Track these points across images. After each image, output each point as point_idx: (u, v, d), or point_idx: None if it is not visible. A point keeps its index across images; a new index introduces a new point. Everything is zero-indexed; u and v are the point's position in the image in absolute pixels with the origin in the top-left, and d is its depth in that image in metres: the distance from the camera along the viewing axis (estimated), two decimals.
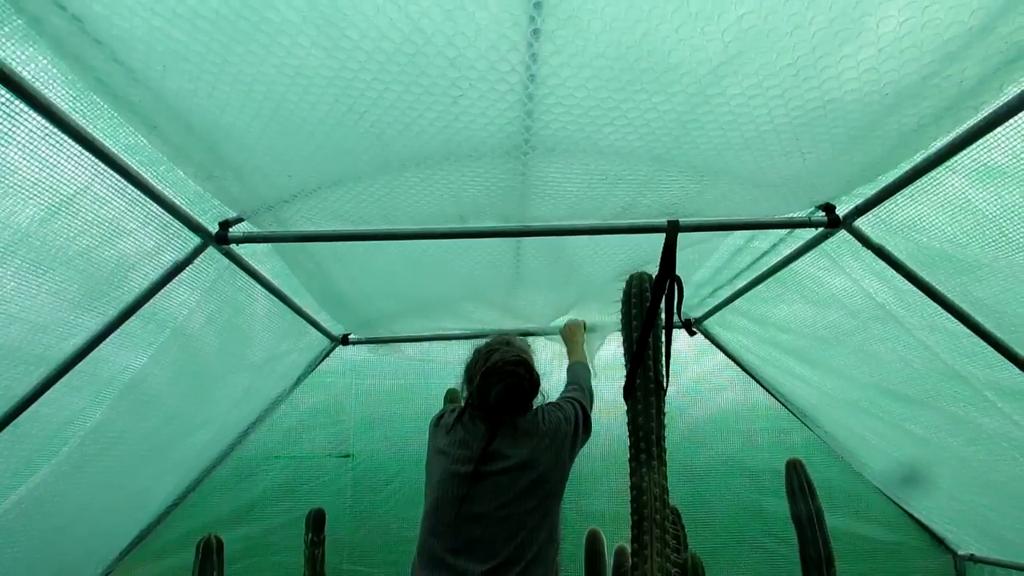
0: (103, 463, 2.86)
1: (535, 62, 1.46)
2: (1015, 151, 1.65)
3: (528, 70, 1.50)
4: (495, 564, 1.94)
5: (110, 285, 2.18)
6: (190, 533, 3.60)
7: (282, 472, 3.99)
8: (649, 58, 1.46)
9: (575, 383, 2.61)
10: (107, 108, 1.64)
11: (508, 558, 1.95)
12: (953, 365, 2.50)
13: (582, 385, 2.59)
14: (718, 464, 4.00)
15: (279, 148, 1.90)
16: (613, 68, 1.49)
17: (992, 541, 3.52)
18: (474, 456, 2.07)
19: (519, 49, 1.43)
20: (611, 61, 1.46)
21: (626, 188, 2.14)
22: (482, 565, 1.93)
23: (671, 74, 1.50)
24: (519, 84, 1.55)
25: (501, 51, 1.44)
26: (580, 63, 1.47)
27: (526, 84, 1.55)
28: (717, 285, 3.34)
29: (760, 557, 3.86)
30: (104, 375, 2.49)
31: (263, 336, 3.26)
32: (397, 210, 2.32)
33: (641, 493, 2.54)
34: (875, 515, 3.88)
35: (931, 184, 1.91)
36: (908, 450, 3.31)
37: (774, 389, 3.89)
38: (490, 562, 1.94)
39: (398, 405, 4.09)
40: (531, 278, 3.20)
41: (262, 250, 2.69)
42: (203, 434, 3.48)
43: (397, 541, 3.88)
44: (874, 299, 2.55)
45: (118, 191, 1.90)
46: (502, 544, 1.97)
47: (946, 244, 2.07)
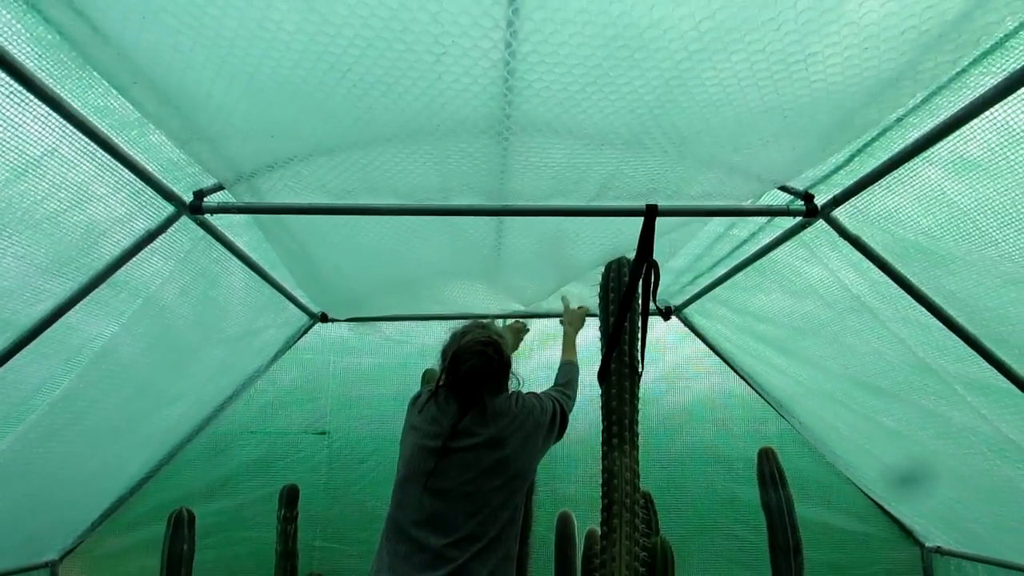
0: (73, 432, 2.84)
1: (517, 16, 1.44)
2: (989, 144, 1.65)
3: (511, 26, 1.47)
4: (456, 538, 1.96)
5: (79, 251, 2.15)
6: (163, 506, 3.58)
7: (257, 448, 3.98)
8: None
9: (564, 386, 2.58)
10: (75, 68, 1.61)
11: (469, 534, 1.98)
12: (925, 358, 2.52)
13: (569, 392, 2.56)
14: (693, 451, 4.03)
15: (261, 110, 1.86)
16: (594, 25, 1.47)
17: (959, 534, 3.56)
18: (443, 432, 2.09)
19: (501, 3, 1.40)
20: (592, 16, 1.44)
21: (608, 157, 2.12)
22: (443, 539, 1.96)
23: (648, 49, 1.48)
24: (501, 41, 1.52)
25: (484, 5, 1.41)
26: (563, 18, 1.44)
27: (508, 41, 1.53)
28: (697, 273, 3.34)
29: (731, 544, 3.90)
30: (74, 343, 2.46)
31: (240, 310, 3.24)
32: (379, 181, 2.30)
33: (612, 477, 2.56)
34: (846, 506, 3.92)
35: (908, 175, 1.91)
36: (880, 443, 3.33)
37: (751, 378, 3.91)
38: (451, 536, 1.96)
39: (376, 384, 4.08)
40: (513, 259, 3.18)
41: (239, 221, 2.66)
42: (177, 407, 3.46)
43: (371, 519, 3.88)
44: (850, 290, 2.55)
45: (87, 155, 1.86)
46: (464, 520, 1.99)
47: (921, 236, 2.08)
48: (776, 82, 1.57)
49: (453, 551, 1.95)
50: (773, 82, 1.58)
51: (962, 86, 1.57)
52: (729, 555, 3.89)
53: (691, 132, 1.89)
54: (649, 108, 1.76)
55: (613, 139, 1.98)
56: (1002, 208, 1.77)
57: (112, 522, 3.81)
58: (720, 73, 1.57)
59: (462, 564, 1.94)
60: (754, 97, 1.66)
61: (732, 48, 1.46)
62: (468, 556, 1.95)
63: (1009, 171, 1.67)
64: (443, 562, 1.93)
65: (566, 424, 2.38)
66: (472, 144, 2.07)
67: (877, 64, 1.46)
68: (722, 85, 1.62)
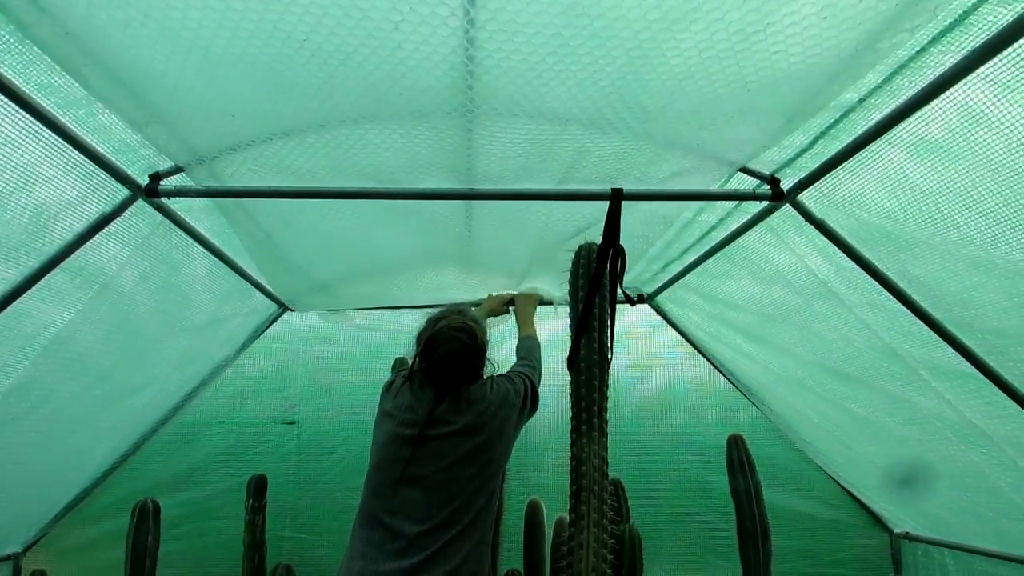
0: (30, 422, 2.78)
1: None
2: (950, 125, 1.64)
3: None
4: (430, 526, 1.97)
5: (29, 235, 2.09)
6: (129, 497, 3.52)
7: (225, 438, 3.93)
8: None
9: (526, 357, 2.60)
10: (14, 43, 1.55)
11: (443, 521, 1.98)
12: (891, 344, 2.52)
13: (532, 362, 2.57)
14: (665, 439, 4.03)
15: (219, 87, 1.81)
16: None
17: (927, 520, 3.60)
18: (419, 420, 2.09)
19: None
20: None
21: (574, 134, 2.09)
22: (417, 526, 1.96)
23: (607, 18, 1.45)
24: (459, 7, 1.48)
25: None
26: None
27: (466, 8, 1.49)
28: (668, 260, 3.32)
29: (702, 531, 3.91)
30: (27, 330, 2.40)
31: (203, 298, 3.18)
32: (345, 160, 2.24)
33: (580, 464, 2.53)
34: (816, 493, 3.94)
35: (871, 158, 1.90)
36: (848, 429, 3.35)
37: (722, 366, 3.91)
38: (425, 524, 1.97)
39: (346, 373, 4.04)
40: (483, 244, 3.15)
41: (199, 206, 2.60)
42: (141, 397, 3.39)
43: (341, 509, 3.84)
44: (817, 276, 2.55)
45: (32, 134, 1.80)
46: (438, 507, 2.00)
47: (885, 220, 2.07)
48: (737, 54, 1.55)
49: (426, 539, 1.95)
50: (734, 54, 1.55)
51: (922, 65, 1.55)
52: (700, 542, 3.90)
53: (656, 107, 1.86)
54: (612, 81, 1.72)
55: (578, 114, 1.95)
56: (963, 190, 1.77)
57: (77, 514, 3.75)
58: (680, 44, 1.54)
59: (435, 551, 1.94)
60: (716, 70, 1.63)
61: (691, 18, 1.44)
62: (442, 543, 1.95)
63: (970, 152, 1.66)
64: (416, 549, 1.94)
65: (537, 396, 2.40)
66: (437, 119, 2.04)
67: (836, 35, 1.44)
68: (684, 57, 1.59)
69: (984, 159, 1.65)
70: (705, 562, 3.88)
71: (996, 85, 1.48)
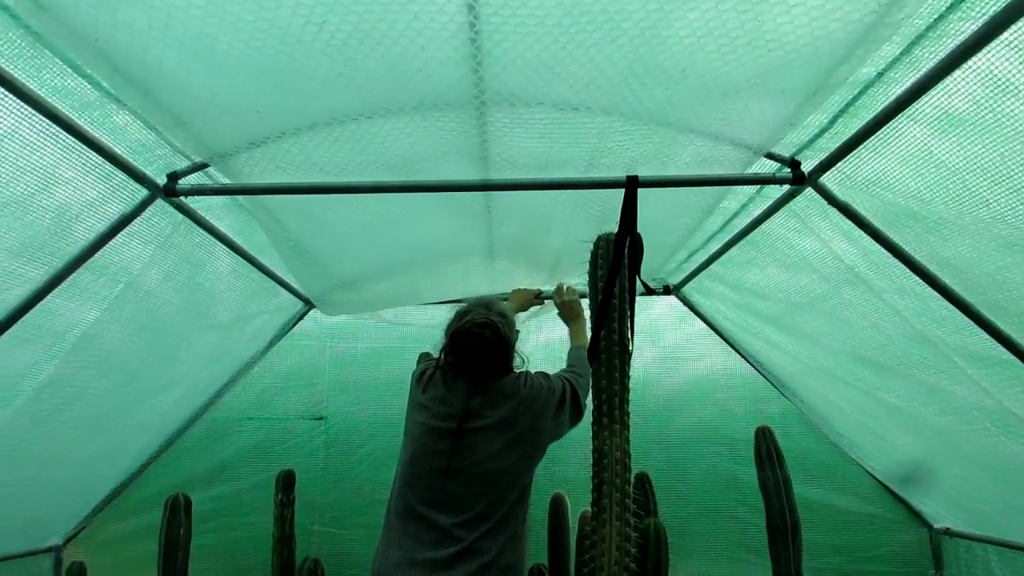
0: (64, 418, 2.84)
1: None
2: (975, 97, 1.57)
3: None
4: (466, 518, 1.98)
5: (53, 235, 2.13)
6: (163, 492, 3.58)
7: (255, 434, 3.98)
8: None
9: (574, 366, 2.53)
10: (26, 47, 1.58)
11: (479, 513, 1.99)
12: (922, 330, 2.43)
13: (579, 371, 2.51)
14: (694, 432, 3.96)
15: (244, 84, 1.84)
16: None
17: (967, 514, 3.48)
18: (454, 413, 2.10)
19: None
20: None
21: (594, 119, 2.06)
22: (453, 518, 1.98)
23: None
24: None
25: None
26: None
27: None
28: (692, 249, 3.27)
29: (733, 526, 3.84)
30: (56, 328, 2.45)
31: (229, 296, 3.22)
32: (362, 154, 2.25)
33: (602, 457, 2.51)
34: (851, 487, 3.84)
35: (893, 135, 1.83)
36: (883, 421, 3.25)
37: (751, 357, 3.83)
38: (461, 516, 1.98)
39: (372, 369, 4.06)
40: (506, 236, 3.13)
41: (219, 204, 2.63)
42: (171, 394, 3.45)
43: (369, 504, 3.87)
44: (843, 261, 2.48)
45: (50, 137, 1.84)
46: (473, 500, 2.00)
47: (911, 200, 2.00)
48: (752, 26, 1.50)
49: (462, 530, 1.96)
50: (748, 26, 1.50)
51: (941, 35, 1.49)
52: (731, 537, 3.83)
53: (676, 70, 1.82)
54: (630, 39, 1.69)
55: (598, 96, 1.92)
56: (991, 166, 1.69)
57: (113, 508, 3.84)
58: (692, 23, 1.50)
59: (471, 543, 1.95)
60: (735, 26, 1.58)
61: None
62: (477, 535, 1.96)
63: (996, 125, 1.59)
64: (452, 541, 1.95)
65: (579, 402, 2.35)
66: (453, 109, 2.04)
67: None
68: (696, 36, 1.56)
69: (1012, 131, 1.58)
70: (736, 557, 3.80)
71: (1021, 51, 1.41)
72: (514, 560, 2.04)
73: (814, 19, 1.50)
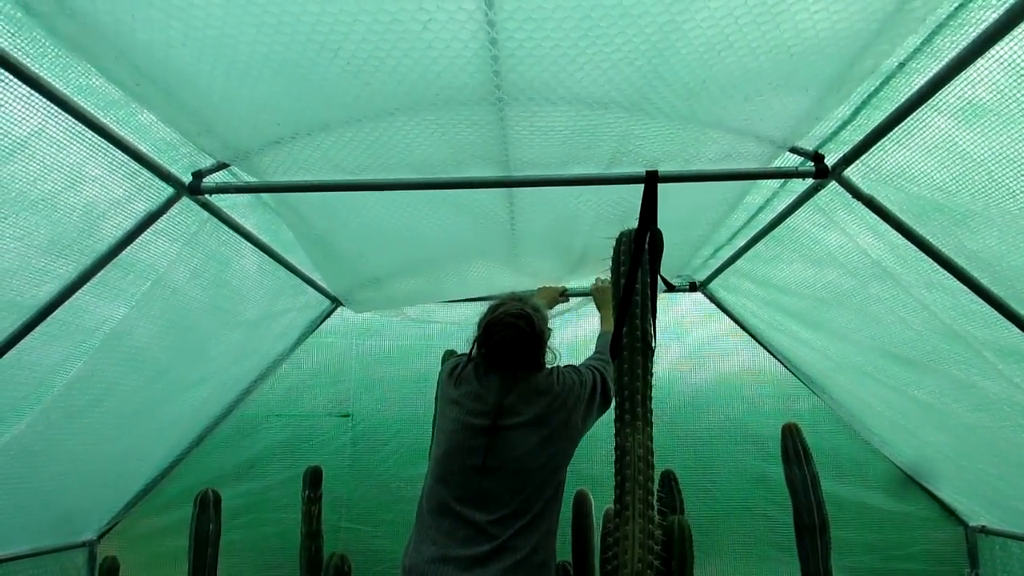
0: (95, 415, 2.91)
1: None
2: (999, 86, 1.53)
3: None
4: (501, 515, 1.99)
5: (80, 233, 2.18)
6: (194, 488, 3.63)
7: (283, 431, 4.03)
8: None
9: (601, 352, 2.56)
10: (50, 47, 1.62)
11: (514, 511, 2.00)
12: (951, 325, 2.38)
13: (607, 357, 2.53)
14: (722, 430, 3.92)
15: (264, 99, 1.89)
16: None
17: (1004, 512, 3.39)
18: (488, 410, 2.11)
19: None
20: None
21: (615, 117, 2.05)
22: (488, 515, 1.99)
23: None
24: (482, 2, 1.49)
25: None
26: None
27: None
28: (717, 245, 3.24)
29: (761, 524, 3.79)
30: (86, 325, 2.51)
31: (256, 293, 3.26)
32: (385, 154, 2.27)
33: (624, 454, 2.49)
34: (883, 484, 3.77)
35: (917, 126, 1.80)
36: (914, 418, 3.19)
37: (780, 354, 3.79)
38: (496, 513, 1.99)
39: (399, 366, 4.09)
40: (529, 233, 3.13)
41: (244, 202, 2.67)
42: (200, 391, 3.51)
43: (395, 500, 3.90)
44: (870, 256, 2.43)
45: (76, 136, 1.88)
46: (509, 497, 2.01)
47: (936, 193, 1.96)
48: (775, 16, 1.48)
49: (496, 527, 1.98)
50: (772, 16, 1.49)
51: (963, 23, 1.45)
52: (760, 535, 3.78)
53: (696, 83, 1.81)
54: (648, 60, 1.69)
55: (618, 97, 1.91)
56: (1018, 156, 1.65)
57: (146, 503, 3.92)
58: (715, 12, 1.49)
59: (505, 540, 1.97)
60: (755, 37, 1.57)
61: None
62: (512, 532, 1.98)
63: (1021, 114, 1.55)
64: (487, 538, 1.96)
65: (609, 392, 2.38)
66: (475, 111, 2.04)
67: None
68: (719, 26, 1.54)
69: None
70: (765, 556, 3.76)
71: None
72: (547, 557, 2.07)
73: (835, 12, 1.48)
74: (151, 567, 3.85)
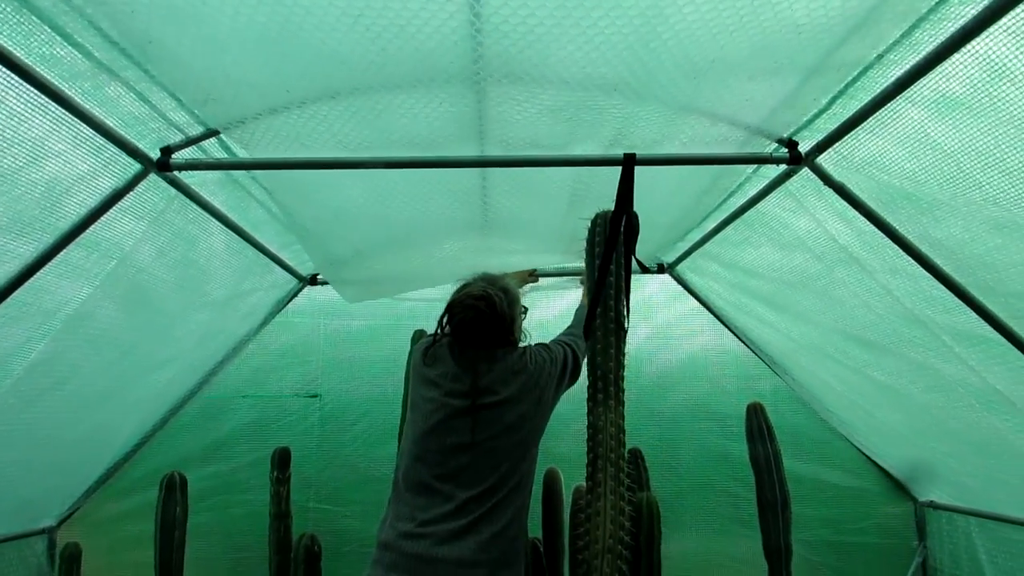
0: (56, 399, 2.83)
1: None
2: (972, 80, 1.58)
3: None
4: (480, 490, 2.05)
5: (42, 210, 2.10)
6: (158, 471, 3.58)
7: (250, 412, 3.98)
8: None
9: (575, 326, 2.61)
10: (11, 12, 1.55)
11: (491, 486, 2.06)
12: (912, 309, 2.47)
13: (576, 331, 2.57)
14: (686, 409, 4.00)
15: (275, 65, 1.85)
16: None
17: (952, 488, 3.54)
18: (467, 390, 2.16)
19: None
20: None
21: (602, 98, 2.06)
22: (467, 491, 2.04)
23: None
24: None
25: None
26: None
27: None
28: (687, 228, 3.28)
29: (724, 500, 3.89)
30: (47, 306, 2.43)
31: (223, 273, 3.20)
32: (363, 131, 2.25)
33: (597, 432, 2.53)
34: (840, 462, 3.89)
35: (891, 117, 1.84)
36: (872, 397, 3.30)
37: (744, 335, 3.87)
38: (475, 488, 2.05)
39: (367, 346, 4.06)
40: (503, 215, 3.12)
41: (213, 179, 2.61)
42: (165, 372, 3.44)
43: (364, 480, 3.89)
44: (837, 241, 2.50)
45: (39, 108, 1.80)
46: (488, 473, 2.07)
47: (906, 182, 2.01)
48: (757, 6, 1.50)
49: (475, 503, 2.04)
50: (753, 6, 1.50)
51: (942, 18, 1.49)
52: (722, 511, 3.89)
53: (676, 67, 1.83)
54: (629, 43, 1.70)
55: (599, 79, 1.92)
56: (985, 148, 1.71)
57: (108, 488, 3.84)
58: None
59: (483, 513, 2.03)
60: (735, 24, 1.59)
61: None
62: (488, 507, 2.04)
63: (992, 108, 1.60)
64: (464, 512, 2.02)
65: (579, 367, 2.45)
66: (456, 89, 2.03)
67: None
68: (700, 12, 1.56)
69: (1007, 115, 1.59)
70: (726, 531, 3.86)
71: (1018, 37, 1.42)
72: (519, 531, 2.13)
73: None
74: (115, 552, 3.78)
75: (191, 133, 2.24)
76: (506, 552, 2.04)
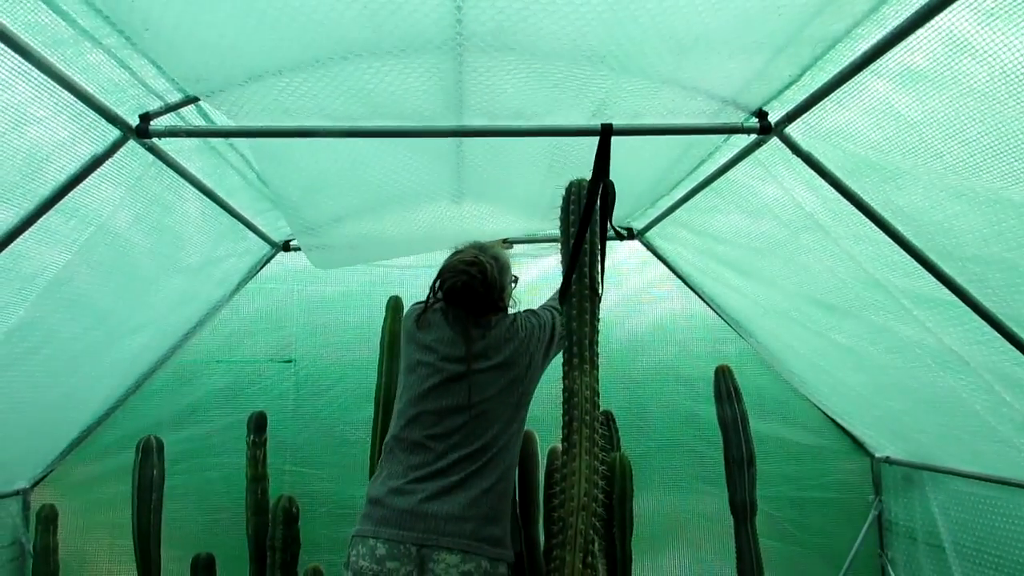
0: (33, 362, 2.83)
1: None
2: (935, 55, 1.65)
3: None
4: (472, 450, 2.18)
5: (22, 176, 2.09)
6: (132, 435, 3.60)
7: (224, 377, 4.00)
8: None
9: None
10: None
11: (483, 445, 2.20)
12: (874, 274, 2.58)
13: None
14: (655, 372, 4.12)
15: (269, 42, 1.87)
16: None
17: (907, 444, 3.73)
18: (462, 355, 2.27)
19: None
20: None
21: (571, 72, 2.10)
22: (460, 451, 2.18)
23: None
24: None
25: None
26: None
27: None
28: (658, 195, 3.35)
29: (691, 460, 4.04)
30: (25, 271, 2.42)
31: (198, 239, 3.20)
32: (343, 99, 2.26)
33: (572, 395, 2.60)
34: (801, 421, 4.06)
35: (857, 89, 1.92)
36: (833, 359, 3.44)
37: (711, 300, 3.98)
38: (468, 448, 2.18)
39: (341, 312, 4.09)
40: (479, 183, 3.16)
41: (190, 146, 2.60)
42: (140, 337, 3.45)
43: (339, 443, 3.96)
44: (803, 209, 2.59)
45: (21, 74, 1.79)
46: (480, 433, 2.21)
47: (871, 151, 2.10)
48: None
49: (467, 462, 2.17)
50: None
51: None
52: (689, 470, 4.04)
53: (655, 39, 1.87)
54: (612, 11, 1.73)
55: (577, 48, 1.96)
56: (946, 119, 1.79)
57: (81, 451, 3.85)
58: None
59: (475, 470, 2.17)
60: None
61: None
62: (480, 464, 2.18)
63: (953, 81, 1.68)
64: (458, 469, 2.15)
65: None
66: (429, 53, 2.05)
67: None
68: None
69: (967, 87, 1.67)
70: (694, 489, 4.02)
71: (980, 13, 1.49)
72: (508, 487, 2.29)
73: None
74: (89, 513, 3.82)
75: (170, 100, 2.24)
76: (494, 507, 2.16)
